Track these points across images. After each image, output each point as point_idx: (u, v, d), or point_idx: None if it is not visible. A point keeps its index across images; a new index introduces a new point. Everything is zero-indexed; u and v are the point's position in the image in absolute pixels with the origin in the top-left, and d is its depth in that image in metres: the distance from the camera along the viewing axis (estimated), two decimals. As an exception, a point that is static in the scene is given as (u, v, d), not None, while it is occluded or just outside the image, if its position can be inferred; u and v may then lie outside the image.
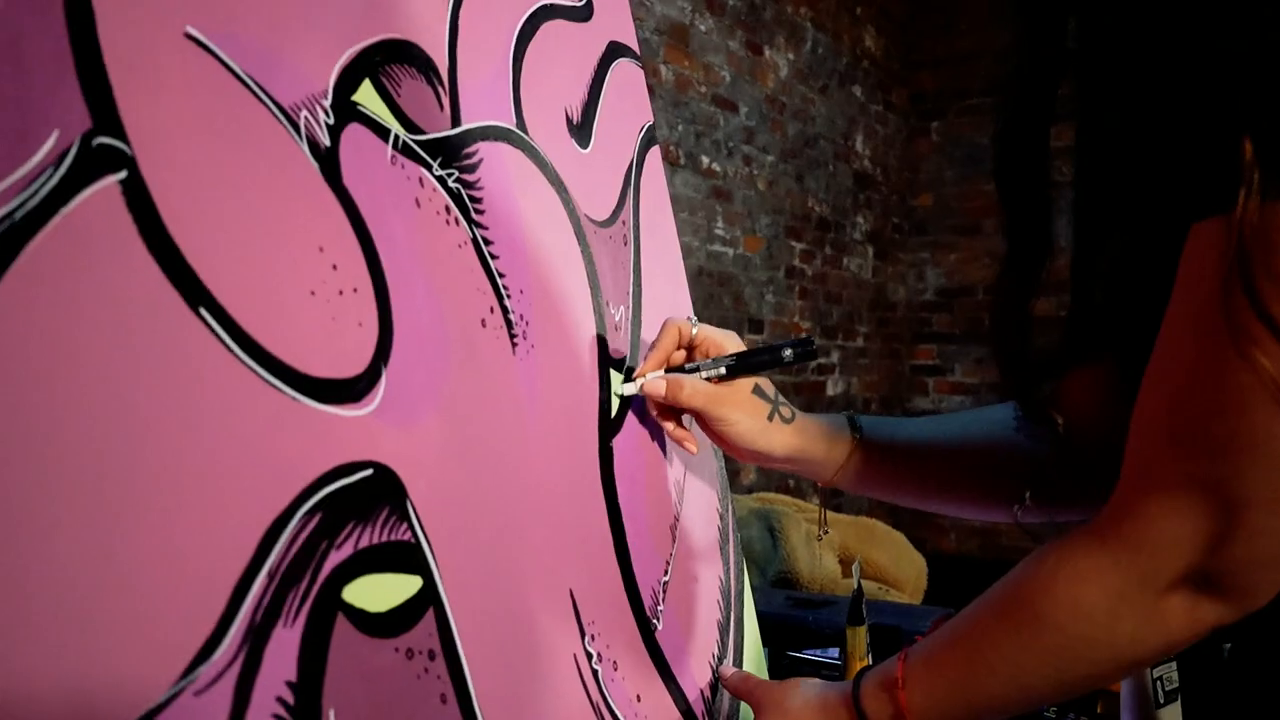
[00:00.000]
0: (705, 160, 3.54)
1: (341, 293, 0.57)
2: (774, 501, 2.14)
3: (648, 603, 0.80)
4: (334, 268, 0.57)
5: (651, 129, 0.98)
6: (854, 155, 4.54)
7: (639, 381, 0.83)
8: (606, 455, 0.78)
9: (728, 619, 0.92)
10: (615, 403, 0.82)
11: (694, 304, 1.01)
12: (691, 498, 0.91)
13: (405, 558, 0.57)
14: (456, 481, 0.63)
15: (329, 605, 0.52)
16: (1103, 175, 0.68)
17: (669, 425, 0.85)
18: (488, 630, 0.62)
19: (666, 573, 0.84)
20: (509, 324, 0.71)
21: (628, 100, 0.94)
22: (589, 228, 0.83)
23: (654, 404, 0.84)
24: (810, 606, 1.39)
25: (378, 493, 0.57)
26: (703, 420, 0.84)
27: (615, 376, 0.82)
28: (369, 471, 0.56)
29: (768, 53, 3.90)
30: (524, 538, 0.68)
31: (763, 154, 3.88)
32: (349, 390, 0.56)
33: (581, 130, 0.86)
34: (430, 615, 0.58)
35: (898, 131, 4.91)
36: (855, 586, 1.01)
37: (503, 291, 0.71)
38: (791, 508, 2.10)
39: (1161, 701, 0.89)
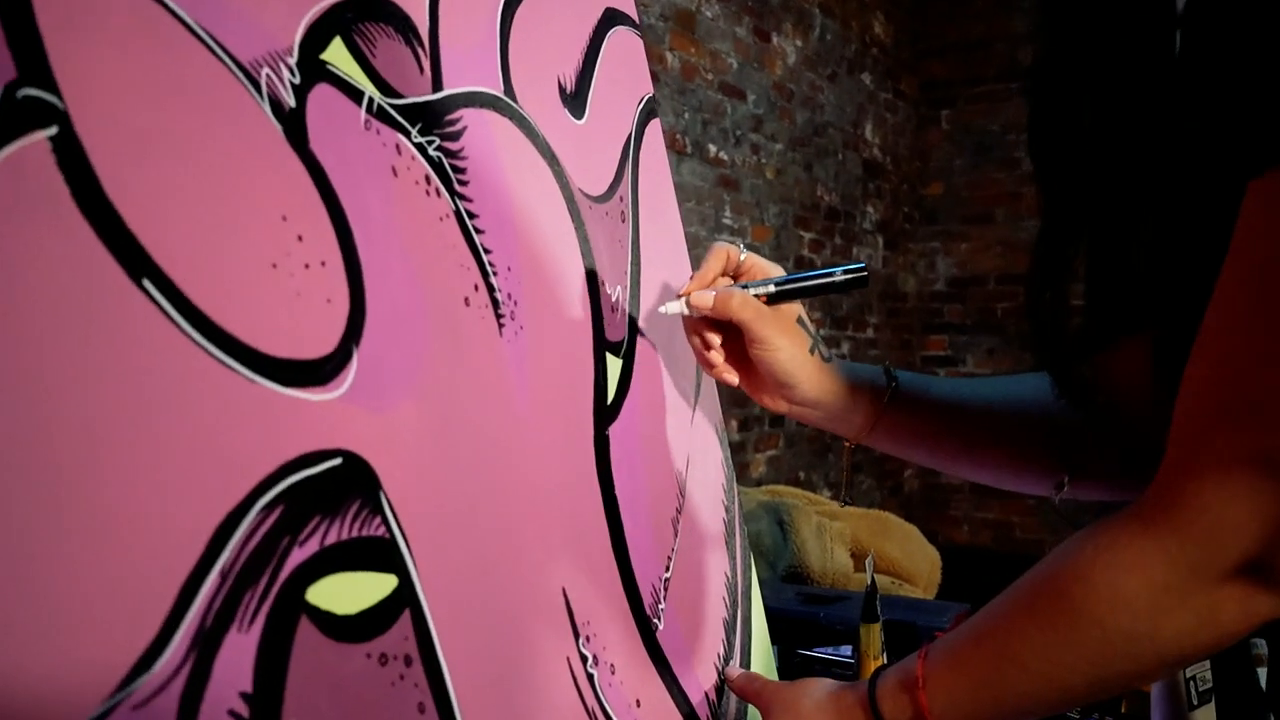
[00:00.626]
0: (712, 149, 3.49)
1: (308, 266, 0.52)
2: (783, 494, 2.09)
3: (647, 601, 0.75)
4: (299, 239, 0.52)
5: (652, 100, 0.93)
6: (863, 144, 4.48)
7: (684, 299, 0.77)
8: (603, 444, 0.74)
9: (734, 617, 0.87)
10: (612, 388, 0.77)
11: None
12: (695, 489, 0.87)
13: (378, 555, 0.53)
14: (437, 472, 0.58)
15: (290, 608, 0.47)
16: (1144, 139, 0.62)
17: (706, 350, 0.79)
18: (471, 633, 0.58)
19: (668, 569, 0.79)
20: (495, 303, 0.66)
21: (625, 70, 0.89)
22: (583, 203, 0.78)
23: (692, 326, 0.78)
24: (821, 602, 1.34)
25: (347, 484, 0.52)
26: (745, 340, 0.78)
27: (612, 361, 0.78)
28: (337, 461, 0.51)
29: (775, 39, 3.85)
30: (512, 533, 0.63)
31: (771, 142, 3.83)
32: (315, 372, 0.51)
33: (575, 100, 0.81)
34: (406, 618, 0.53)
35: (907, 120, 4.85)
36: (868, 582, 0.96)
37: (488, 268, 0.66)
38: (802, 500, 2.05)
39: (1195, 703, 0.84)
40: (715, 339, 0.80)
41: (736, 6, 3.59)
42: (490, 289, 0.66)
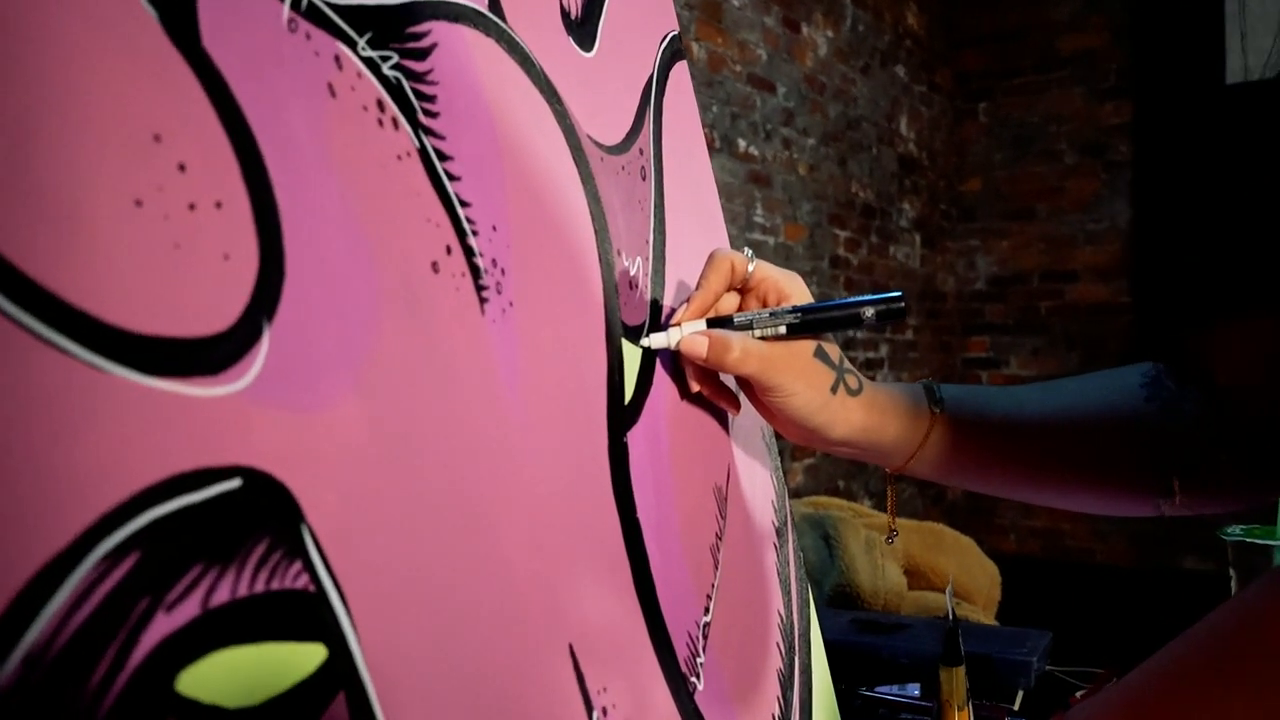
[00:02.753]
0: (742, 144, 3.33)
1: (194, 207, 0.37)
2: (828, 506, 1.92)
3: (682, 655, 0.59)
4: (180, 169, 0.37)
5: (677, 40, 0.77)
6: (898, 139, 4.31)
7: (673, 333, 0.62)
8: (619, 454, 0.58)
9: (790, 666, 0.71)
10: (631, 383, 0.61)
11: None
12: (739, 509, 0.70)
13: (297, 617, 0.37)
14: (388, 496, 0.42)
15: (151, 704, 0.32)
16: None
17: (704, 389, 0.67)
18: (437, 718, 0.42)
19: (707, 611, 0.63)
20: (475, 271, 0.50)
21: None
22: (593, 153, 0.62)
23: (689, 364, 0.66)
24: (880, 631, 1.18)
25: (249, 516, 0.36)
26: (752, 389, 0.66)
27: (630, 350, 0.62)
28: (233, 484, 0.36)
29: (805, 30, 3.68)
30: (497, 575, 0.47)
31: (803, 137, 3.66)
32: (202, 356, 0.36)
33: (583, 29, 0.65)
34: (341, 705, 0.38)
35: (943, 113, 4.67)
36: (949, 616, 0.80)
37: (465, 226, 0.50)
38: (848, 512, 1.88)
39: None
40: (710, 376, 0.67)
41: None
42: (468, 253, 0.50)
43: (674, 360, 0.65)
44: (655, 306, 0.66)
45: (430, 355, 0.46)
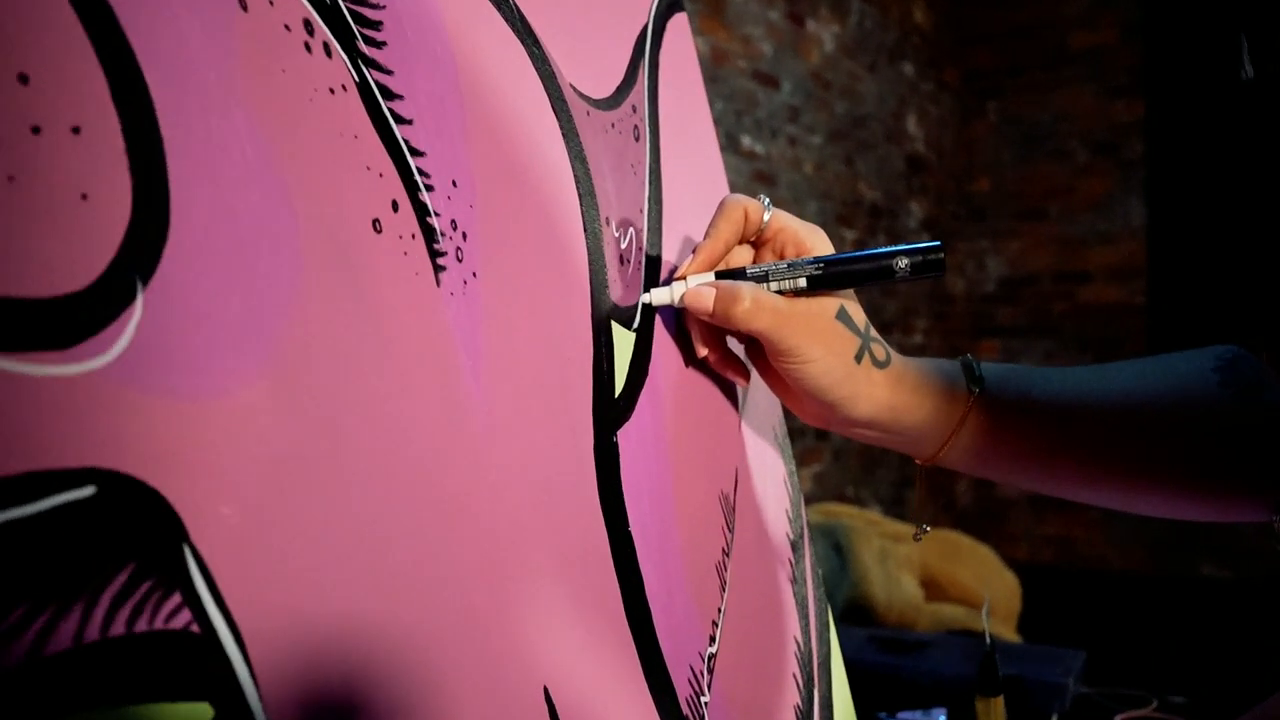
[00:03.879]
0: (746, 141, 3.24)
1: (38, 130, 0.28)
2: (839, 514, 1.83)
3: (683, 693, 0.50)
4: (21, 80, 0.28)
5: (674, -11, 0.68)
6: (906, 137, 4.22)
7: (676, 286, 0.54)
8: (607, 456, 0.49)
9: (809, 702, 0.62)
10: (622, 373, 0.52)
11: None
12: (748, 520, 0.61)
13: (174, 668, 0.28)
14: (304, 508, 0.33)
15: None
16: None
17: (711, 354, 0.59)
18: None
19: (713, 641, 0.54)
20: (428, 234, 0.41)
21: (637, -60, 0.64)
22: (577, 105, 0.53)
23: (695, 323, 0.58)
24: (901, 650, 1.09)
25: (105, 534, 0.27)
26: (764, 353, 0.57)
27: (621, 334, 0.53)
28: (84, 491, 0.27)
29: (810, 25, 3.60)
30: (451, 606, 0.38)
31: (809, 135, 3.58)
32: (46, 324, 0.27)
33: (565, -35, 0.56)
34: (232, 782, 0.29)
35: (951, 112, 4.58)
36: (986, 640, 0.71)
37: (417, 179, 0.41)
38: (860, 521, 1.79)
39: None
40: (716, 337, 0.59)
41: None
42: (420, 211, 0.41)
43: (678, 323, 0.56)
44: (652, 284, 0.57)
45: (366, 333, 0.37)
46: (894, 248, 0.55)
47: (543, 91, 0.51)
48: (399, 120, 0.41)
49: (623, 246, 0.54)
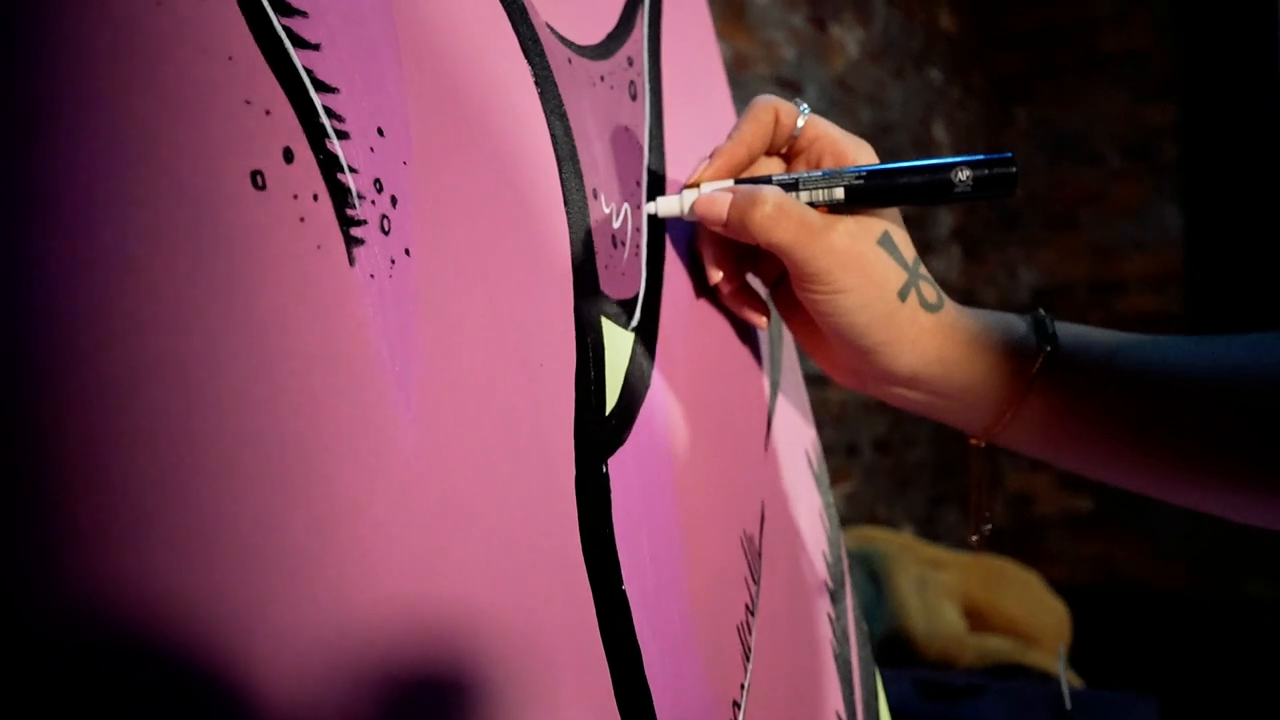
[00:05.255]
0: (768, 149, 3.13)
1: None
2: (875, 539, 1.71)
3: (694, 800, 0.38)
4: None
5: (681, -72, 0.58)
6: (933, 144, 4.10)
7: (687, 195, 0.45)
8: (595, 490, 0.38)
9: (854, 791, 0.51)
10: (615, 383, 0.41)
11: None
12: (779, 564, 0.50)
13: None
14: (147, 571, 0.22)
15: None
16: None
17: (725, 285, 0.49)
18: None
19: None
20: (338, 195, 0.30)
21: None
22: (556, 50, 0.42)
23: (708, 243, 0.48)
24: (950, 696, 0.97)
25: None
26: (790, 289, 0.47)
27: (615, 334, 0.42)
28: None
29: (834, 30, 3.49)
30: (373, 699, 0.27)
31: (833, 143, 3.46)
32: None
33: (542, -116, 0.45)
34: None
35: (980, 117, 4.46)
36: (1064, 701, 0.59)
37: (324, 121, 0.31)
38: (896, 547, 1.66)
39: None
40: (732, 263, 0.49)
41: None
42: (327, 164, 0.30)
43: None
44: (654, 272, 0.46)
45: (235, 325, 0.26)
46: (954, 159, 0.44)
47: (509, 26, 0.40)
48: (299, 43, 0.30)
49: (615, 226, 0.43)
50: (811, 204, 0.45)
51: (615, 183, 0.44)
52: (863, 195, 0.44)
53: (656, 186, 0.48)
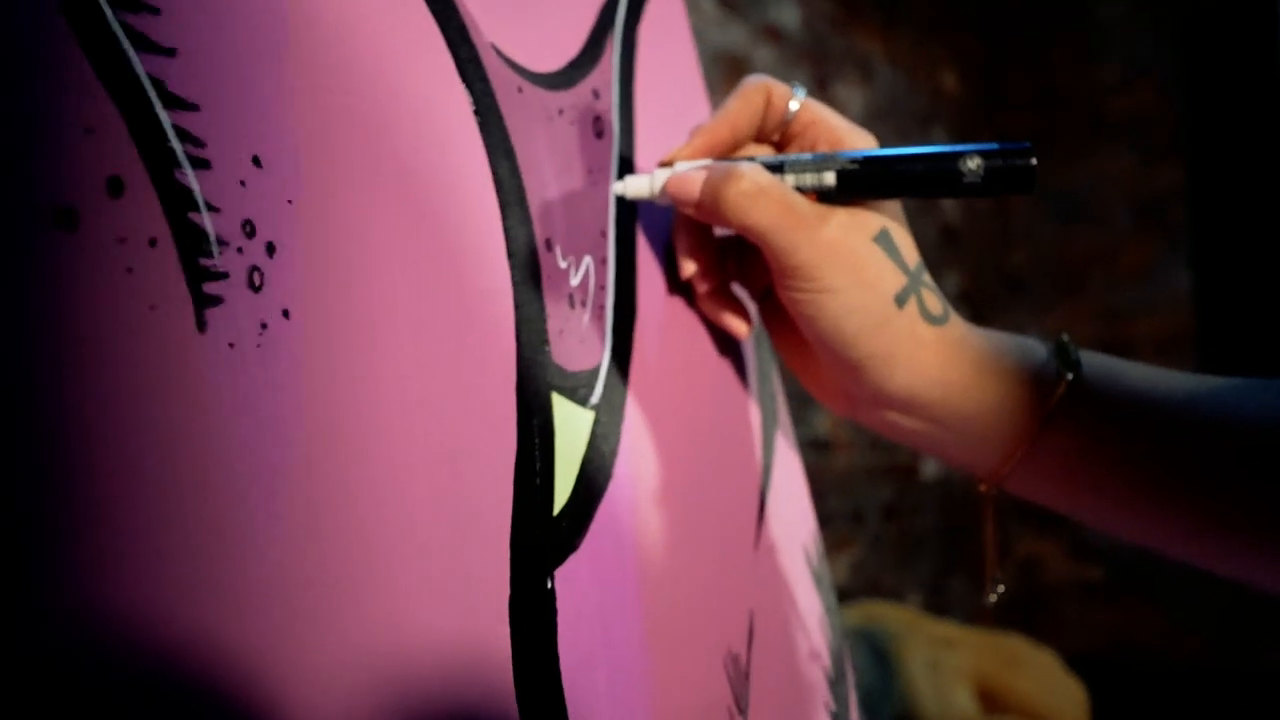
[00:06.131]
0: (771, 210, 3.08)
1: None
2: (881, 617, 1.61)
3: None
4: None
5: (662, -47, 0.51)
6: (938, 207, 4.06)
7: (659, 174, 0.39)
8: (535, 613, 0.30)
9: None
10: (568, 476, 0.33)
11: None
12: (769, 688, 0.42)
13: None
14: None
15: None
16: None
17: (700, 283, 0.43)
18: None
19: None
20: (188, 240, 0.23)
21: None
22: (502, 76, 0.36)
23: (683, 231, 0.42)
24: (966, 803, 0.88)
25: None
26: (770, 271, 0.40)
27: (569, 412, 0.34)
28: None
29: (838, 89, 3.46)
30: None
31: (837, 204, 3.42)
32: None
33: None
34: None
35: (985, 180, 4.43)
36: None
37: (175, 145, 0.24)
38: (904, 625, 1.57)
39: None
40: (711, 257, 0.43)
41: (792, 52, 3.21)
42: (175, 200, 0.23)
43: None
44: (621, 337, 0.39)
45: (24, 413, 0.19)
46: (963, 146, 0.38)
47: (442, 44, 0.33)
48: (144, 45, 0.24)
49: (573, 284, 0.36)
50: (799, 190, 0.39)
51: (574, 233, 0.37)
52: (857, 183, 0.38)
53: (625, 237, 0.41)
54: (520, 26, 0.37)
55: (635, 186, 0.40)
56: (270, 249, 0.25)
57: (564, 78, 0.39)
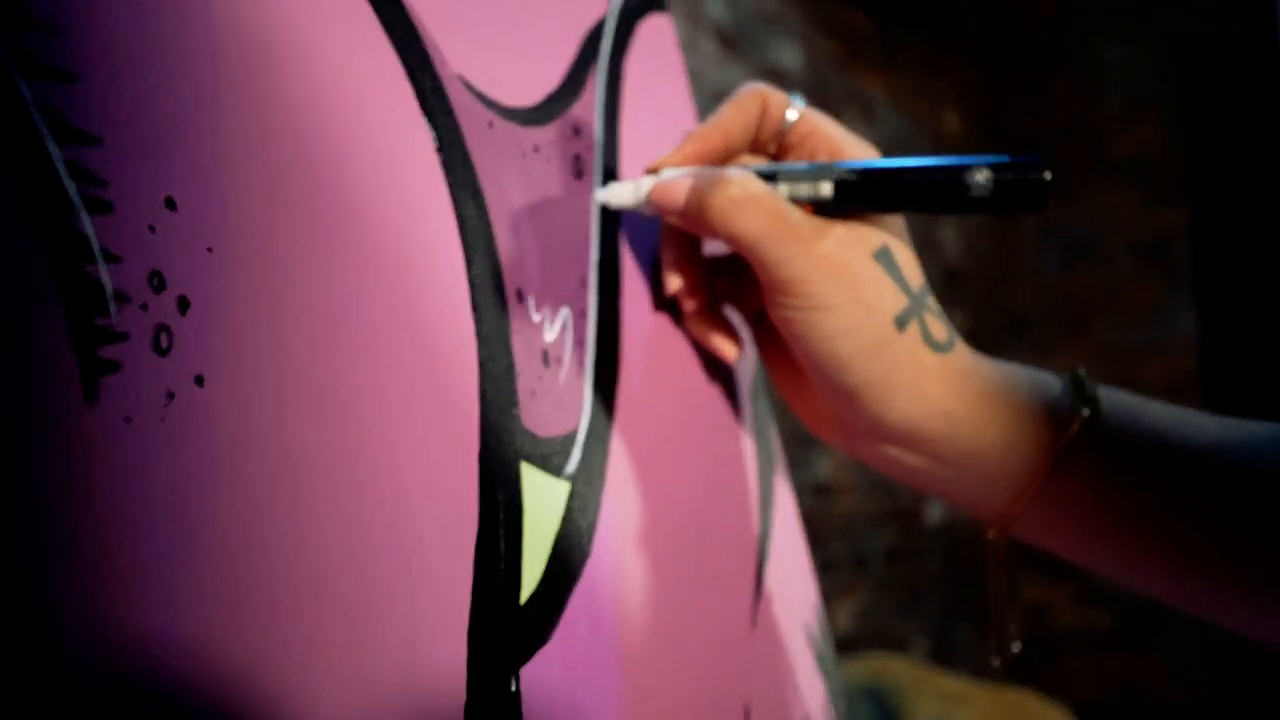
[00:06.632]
0: (772, 251, 3.06)
1: None
2: (887, 672, 1.56)
3: None
4: None
5: (653, -18, 0.48)
6: (940, 248, 4.04)
7: (644, 181, 0.37)
8: (499, 714, 0.26)
9: None
10: (538, 557, 0.30)
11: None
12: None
13: None
14: None
15: None
16: None
17: (687, 300, 0.40)
18: None
19: None
20: (82, 296, 0.20)
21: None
22: (471, 111, 0.32)
23: (669, 243, 0.39)
24: None
25: None
26: (760, 288, 0.37)
27: (539, 483, 0.31)
28: None
29: (838, 132, 3.46)
30: None
31: (838, 244, 3.39)
32: None
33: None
34: None
35: (987, 220, 4.41)
36: None
37: (68, 186, 0.20)
38: (910, 678, 1.52)
39: None
40: (699, 273, 0.40)
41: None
42: (68, 251, 0.20)
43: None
44: (604, 397, 0.35)
45: None
46: (970, 158, 0.35)
47: (402, 74, 0.30)
48: (37, 70, 0.20)
49: (548, 339, 0.33)
50: (794, 201, 0.36)
51: (550, 281, 0.34)
52: (856, 194, 0.35)
53: (608, 284, 0.37)
54: (492, 56, 0.34)
55: (619, 194, 0.37)
56: (183, 304, 0.22)
57: (541, 112, 0.36)
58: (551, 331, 0.33)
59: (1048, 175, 0.34)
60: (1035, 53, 4.62)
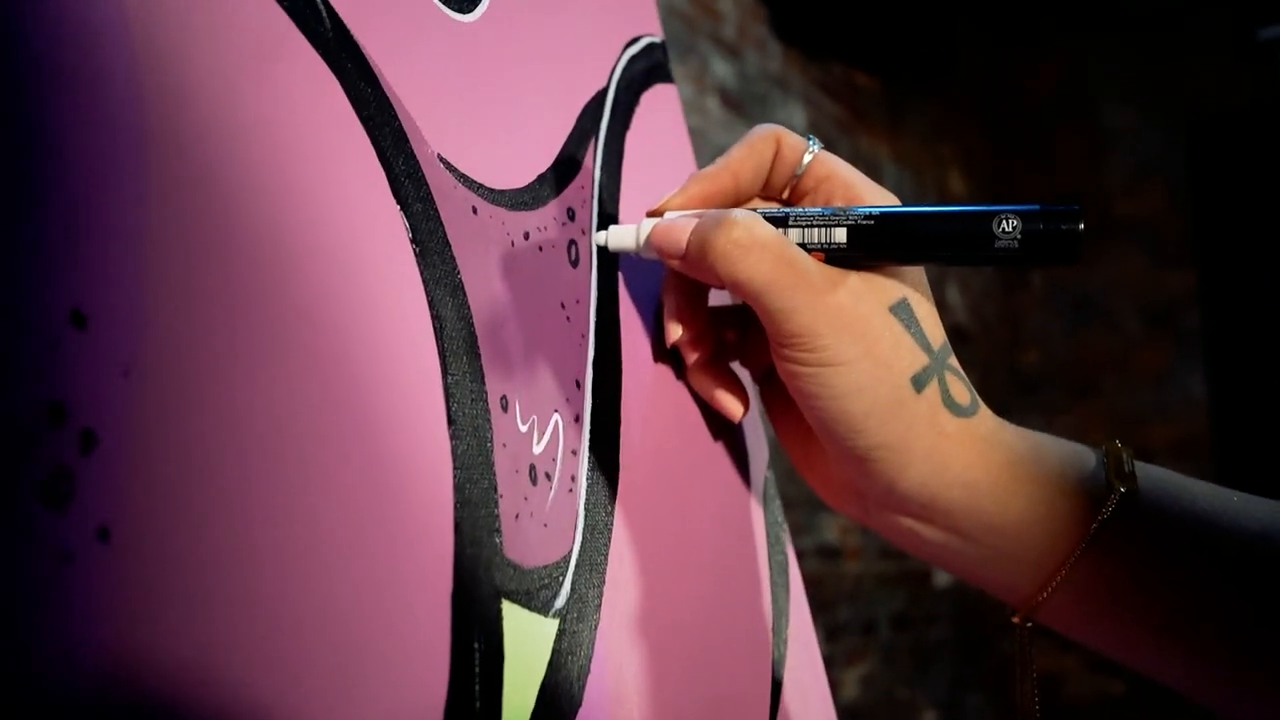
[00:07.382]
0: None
1: None
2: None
3: None
4: None
5: (659, 50, 0.45)
6: (948, 309, 4.01)
7: (645, 225, 0.34)
8: None
9: None
10: (524, 703, 0.26)
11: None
12: None
13: None
14: None
15: None
16: None
17: (689, 351, 0.37)
18: None
19: None
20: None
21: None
22: (453, 195, 0.29)
23: (671, 291, 0.36)
24: None
25: None
26: (768, 340, 0.34)
27: (525, 621, 0.27)
28: None
29: (843, 193, 3.45)
30: None
31: (844, 305, 3.37)
32: None
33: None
34: None
35: (994, 281, 4.39)
36: None
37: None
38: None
39: None
40: (702, 323, 0.37)
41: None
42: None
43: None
44: (599, 511, 0.31)
45: None
46: (997, 206, 0.33)
47: (372, 154, 0.26)
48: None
49: (537, 452, 0.29)
50: (805, 248, 0.33)
51: (539, 386, 0.30)
52: (872, 242, 0.33)
53: (607, 387, 0.33)
54: (476, 133, 0.31)
55: (619, 237, 0.34)
56: (86, 441, 0.18)
57: (531, 195, 0.33)
58: (540, 443, 0.29)
59: (1081, 226, 0.31)
60: (1040, 115, 4.64)
